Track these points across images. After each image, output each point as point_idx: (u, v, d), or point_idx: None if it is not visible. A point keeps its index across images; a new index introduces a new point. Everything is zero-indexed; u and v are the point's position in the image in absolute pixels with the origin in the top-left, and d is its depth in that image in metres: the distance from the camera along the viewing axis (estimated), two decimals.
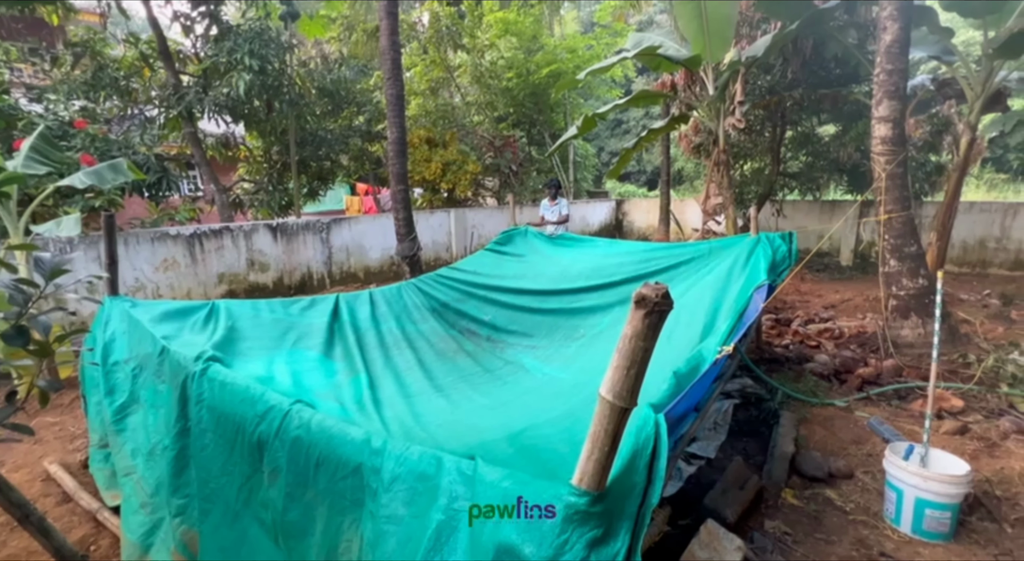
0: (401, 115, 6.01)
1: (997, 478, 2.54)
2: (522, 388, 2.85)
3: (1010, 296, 6.22)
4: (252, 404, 1.74)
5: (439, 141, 10.41)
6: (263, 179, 9.25)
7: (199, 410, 1.96)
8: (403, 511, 1.19)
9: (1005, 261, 8.06)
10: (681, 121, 7.62)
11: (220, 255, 6.60)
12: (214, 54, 7.25)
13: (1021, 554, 2.20)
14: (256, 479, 1.72)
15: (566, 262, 4.52)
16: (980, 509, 2.43)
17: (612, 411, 0.84)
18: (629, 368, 0.82)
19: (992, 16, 4.83)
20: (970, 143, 5.53)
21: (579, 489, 0.90)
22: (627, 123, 22.06)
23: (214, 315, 2.87)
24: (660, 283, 0.81)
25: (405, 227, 6.22)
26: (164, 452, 2.18)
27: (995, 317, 5.47)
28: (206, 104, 7.25)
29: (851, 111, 8.09)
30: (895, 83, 4.18)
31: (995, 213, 8.13)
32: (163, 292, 6.07)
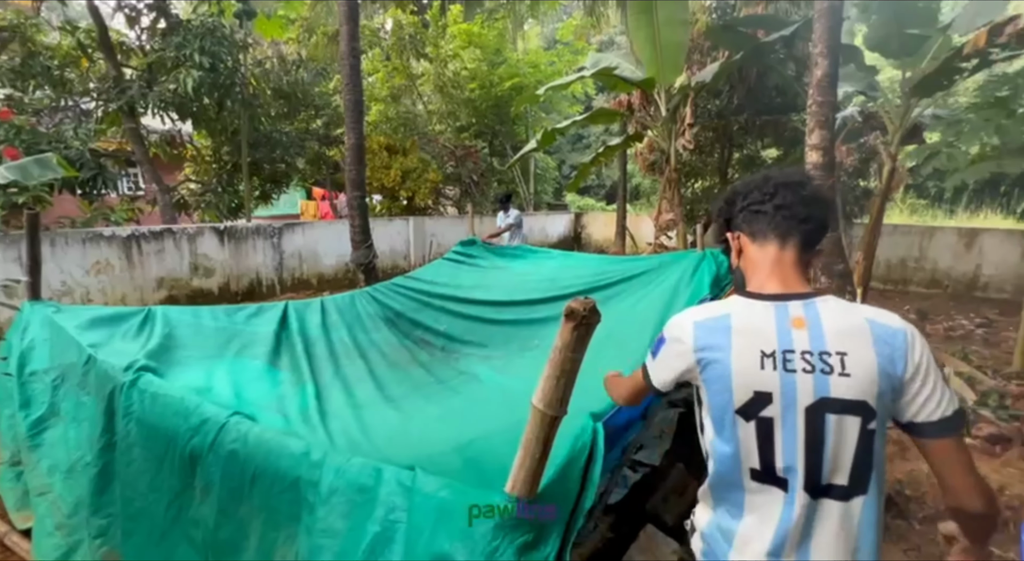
0: (359, 121, 5.95)
1: (908, 479, 2.77)
2: (475, 398, 2.85)
3: (926, 312, 6.82)
4: (186, 416, 1.67)
5: (399, 148, 10.34)
6: (211, 180, 8.87)
7: (127, 423, 1.86)
8: (340, 524, 1.18)
9: (923, 279, 8.82)
10: (636, 139, 7.94)
11: (161, 258, 6.25)
12: (161, 48, 6.94)
13: (927, 549, 2.41)
14: (187, 496, 1.65)
15: (523, 273, 4.58)
16: (893, 508, 2.63)
17: (543, 419, 0.88)
18: (559, 378, 0.86)
19: (909, 58, 5.35)
20: (891, 171, 6.06)
21: (511, 496, 0.93)
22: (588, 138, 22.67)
23: (149, 322, 2.72)
24: (589, 298, 0.86)
25: (361, 234, 6.12)
26: (86, 469, 2.04)
27: None
28: (150, 100, 6.90)
29: (791, 137, 8.68)
30: (825, 114, 4.53)
31: (914, 235, 8.90)
32: (94, 297, 5.67)
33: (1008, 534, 2.45)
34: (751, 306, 0.98)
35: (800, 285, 1.00)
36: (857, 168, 8.66)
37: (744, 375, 0.93)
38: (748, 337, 0.94)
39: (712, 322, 0.98)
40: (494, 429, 2.08)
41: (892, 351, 0.91)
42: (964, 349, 4.84)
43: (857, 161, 8.50)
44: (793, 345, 0.92)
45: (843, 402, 0.90)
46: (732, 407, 0.95)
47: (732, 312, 0.98)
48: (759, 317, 0.96)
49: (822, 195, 1.05)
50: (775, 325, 0.94)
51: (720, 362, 0.95)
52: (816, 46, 4.49)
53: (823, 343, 0.91)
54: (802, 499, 0.92)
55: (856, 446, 0.91)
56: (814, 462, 0.91)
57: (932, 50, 5.22)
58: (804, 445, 0.91)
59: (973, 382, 3.99)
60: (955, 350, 4.89)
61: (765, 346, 0.93)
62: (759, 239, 1.04)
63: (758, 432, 0.93)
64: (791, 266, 1.01)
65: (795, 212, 1.01)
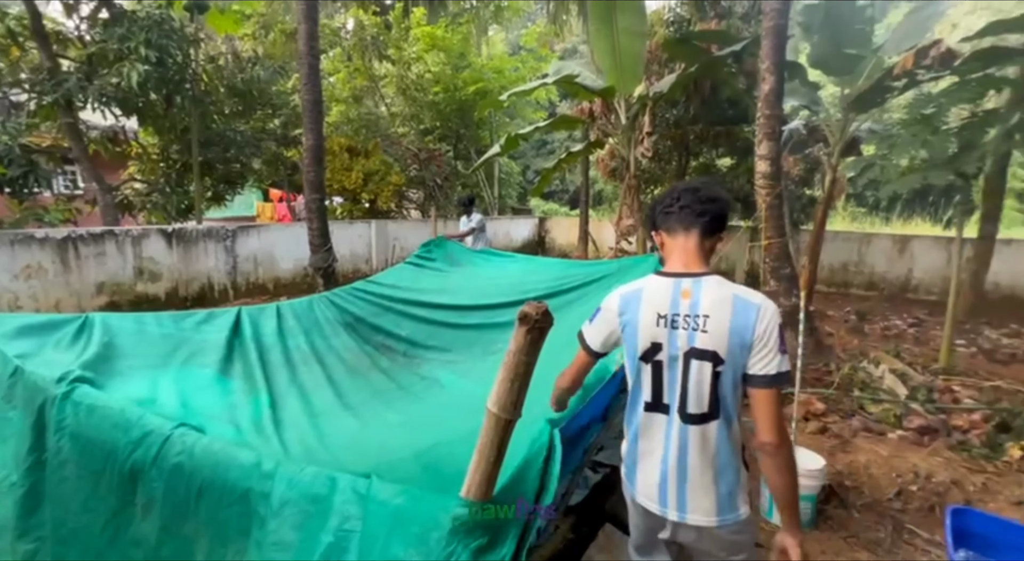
0: (318, 122, 5.81)
1: (848, 470, 2.96)
2: (437, 404, 2.83)
3: (864, 312, 7.28)
4: (126, 429, 1.58)
5: (361, 150, 10.15)
6: (158, 180, 8.41)
7: (59, 439, 1.73)
8: (292, 536, 1.14)
9: (862, 282, 9.42)
10: (598, 146, 8.12)
11: (101, 262, 5.88)
12: (103, 40, 6.54)
13: (865, 535, 2.57)
14: (126, 514, 1.55)
15: (487, 276, 4.58)
16: (834, 498, 2.80)
17: (497, 423, 0.89)
18: (513, 381, 0.88)
19: (847, 76, 5.73)
20: (833, 181, 6.45)
21: (466, 500, 0.93)
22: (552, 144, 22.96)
23: (86, 330, 2.55)
24: (542, 302, 0.87)
25: (320, 238, 5.96)
26: (11, 490, 1.89)
27: (852, 331, 6.37)
28: (90, 93, 6.49)
29: (743, 147, 9.10)
30: (772, 126, 4.79)
31: (854, 241, 9.51)
32: (24, 304, 5.27)
33: (935, 518, 2.65)
34: (658, 281, 1.34)
35: (697, 266, 1.32)
36: (803, 177, 9.18)
37: (645, 330, 1.30)
38: (650, 304, 1.31)
39: (631, 294, 1.36)
40: (455, 434, 2.07)
41: (745, 319, 1.23)
42: (897, 347, 5.21)
43: (803, 171, 9.01)
44: (679, 309, 1.28)
45: (701, 351, 1.25)
46: (637, 354, 1.32)
47: (644, 287, 1.35)
48: (660, 289, 1.32)
49: (717, 195, 1.36)
50: (670, 295, 1.30)
51: (632, 322, 1.33)
52: (764, 62, 4.75)
53: (698, 308, 1.26)
54: (677, 421, 1.29)
55: (709, 384, 1.25)
56: (683, 395, 1.28)
57: (867, 69, 5.61)
58: (680, 382, 1.28)
59: (905, 378, 4.30)
60: (889, 348, 5.25)
61: (661, 310, 1.30)
62: (670, 233, 1.38)
63: (652, 372, 1.32)
64: (692, 251, 1.33)
65: (693, 209, 1.33)
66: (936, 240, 9.05)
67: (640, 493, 1.38)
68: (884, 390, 4.10)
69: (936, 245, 8.91)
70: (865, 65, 5.57)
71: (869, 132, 6.96)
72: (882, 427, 3.53)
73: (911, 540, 2.54)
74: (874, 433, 3.44)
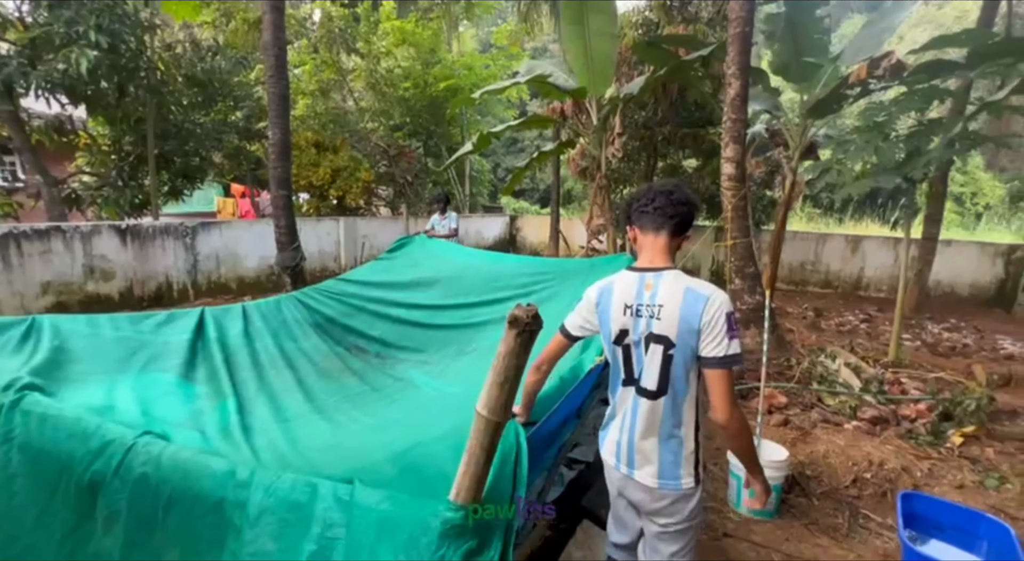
0: (285, 116, 5.63)
1: (809, 460, 3.10)
2: (411, 405, 2.79)
3: (821, 309, 7.65)
4: (84, 439, 1.49)
5: (329, 145, 9.89)
6: (110, 173, 7.95)
7: (7, 451, 1.62)
8: (271, 546, 1.11)
9: (818, 280, 9.89)
10: (569, 146, 8.19)
11: (47, 260, 5.52)
12: (48, 23, 6.12)
13: (824, 522, 2.71)
14: (85, 529, 1.47)
15: (460, 276, 4.54)
16: (796, 487, 2.94)
17: (487, 426, 0.89)
18: (503, 384, 0.88)
19: (806, 83, 5.98)
20: (792, 183, 6.73)
21: (456, 504, 0.93)
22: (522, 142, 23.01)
23: (34, 333, 2.39)
24: (532, 304, 0.88)
25: (287, 235, 5.78)
26: None
27: (810, 327, 6.68)
28: (33, 79, 6.06)
29: (708, 149, 9.38)
30: (738, 130, 4.96)
31: (811, 241, 9.96)
32: None
33: (887, 503, 2.82)
34: (628, 276, 1.53)
35: (662, 261, 1.50)
36: (764, 179, 9.54)
37: (616, 318, 1.51)
38: (619, 295, 1.51)
39: (605, 287, 1.56)
40: (431, 436, 2.06)
41: (694, 308, 1.40)
42: (851, 342, 5.49)
43: (764, 173, 9.36)
44: (642, 300, 1.47)
45: (657, 335, 1.44)
46: (611, 338, 1.53)
47: (615, 281, 1.55)
48: (628, 283, 1.51)
49: (686, 199, 1.53)
50: (635, 288, 1.49)
51: (605, 311, 1.53)
52: (730, 67, 4.90)
53: (656, 299, 1.45)
54: (630, 397, 1.52)
55: (660, 365, 1.44)
56: (639, 374, 1.49)
57: (824, 78, 5.88)
58: (641, 363, 1.48)
59: (859, 371, 4.54)
60: (844, 343, 5.53)
61: (627, 300, 1.50)
62: (643, 230, 1.55)
63: (623, 354, 1.52)
64: (660, 249, 1.51)
65: (665, 211, 1.50)
66: (884, 240, 9.59)
67: (606, 449, 1.62)
68: (840, 383, 4.32)
69: (884, 245, 9.44)
70: (823, 73, 5.83)
71: (826, 137, 7.29)
72: (839, 418, 3.72)
73: (866, 524, 2.70)
74: (832, 424, 3.62)
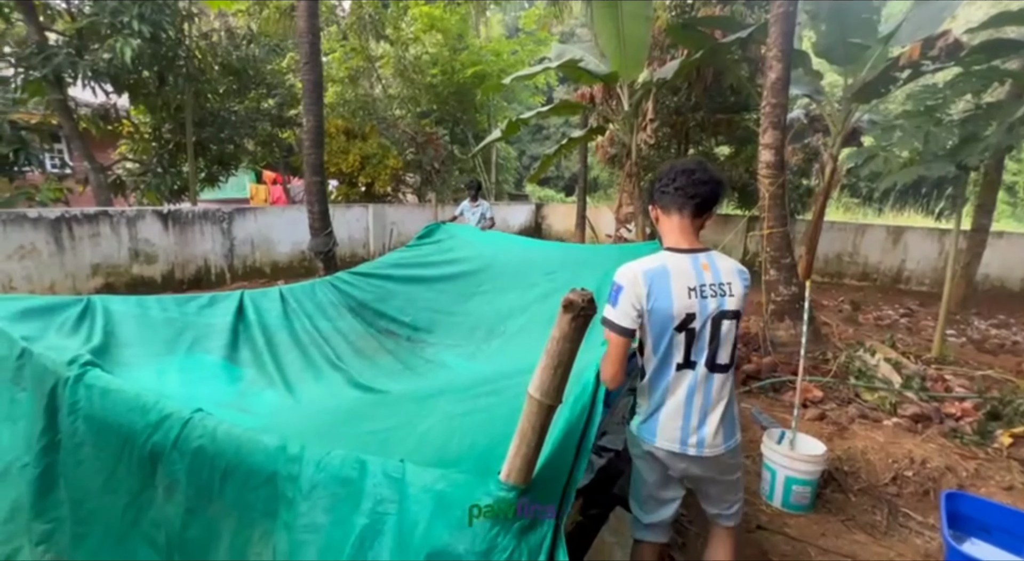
0: (319, 103, 5.71)
1: (846, 456, 3.03)
2: (446, 384, 2.83)
3: (858, 302, 7.39)
4: (143, 412, 1.57)
5: (358, 133, 10.00)
6: (151, 160, 8.24)
7: (73, 421, 1.73)
8: (323, 519, 1.15)
9: (855, 273, 9.53)
10: (598, 132, 8.06)
11: (96, 243, 5.79)
12: (94, 13, 6.33)
13: (862, 518, 2.65)
14: (147, 496, 1.56)
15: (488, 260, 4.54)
16: (833, 482, 2.87)
17: (540, 408, 0.90)
18: (556, 368, 0.88)
19: (851, 66, 5.71)
20: (832, 171, 6.47)
21: (507, 484, 0.94)
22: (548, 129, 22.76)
23: (89, 315, 2.52)
24: (586, 289, 0.88)
25: (320, 221, 5.90)
26: (24, 471, 1.88)
27: (847, 320, 6.47)
28: (81, 69, 6.30)
29: (742, 136, 9.09)
30: (777, 115, 4.78)
31: (849, 232, 9.59)
32: (18, 285, 5.19)
33: (929, 502, 2.74)
34: (677, 258, 1.50)
35: (697, 242, 1.56)
36: (801, 167, 9.20)
37: (680, 301, 1.46)
38: (679, 279, 1.47)
39: (654, 271, 1.47)
40: (468, 411, 2.09)
41: (745, 283, 1.55)
42: (891, 337, 5.29)
43: (802, 161, 9.03)
44: (704, 280, 1.48)
45: (730, 312, 1.50)
46: (672, 324, 1.47)
47: (666, 263, 1.48)
48: (684, 266, 1.49)
49: (709, 178, 1.53)
50: (692, 270, 1.49)
51: (664, 296, 1.45)
52: (771, 50, 4.71)
53: (720, 277, 1.50)
54: (702, 372, 1.51)
55: (733, 339, 1.52)
56: (713, 350, 1.50)
57: (871, 59, 5.59)
58: (708, 341, 1.49)
59: (899, 367, 4.38)
60: (883, 338, 5.34)
61: (690, 283, 1.47)
62: (664, 210, 1.58)
63: (685, 338, 1.49)
64: (688, 229, 1.55)
65: (687, 191, 1.52)
66: (929, 232, 9.15)
67: (661, 438, 1.55)
68: (879, 378, 4.18)
69: (929, 237, 9.02)
70: (871, 55, 5.54)
71: (870, 123, 6.97)
72: (878, 414, 3.61)
73: (906, 523, 2.63)
74: (870, 420, 3.52)
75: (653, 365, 1.53)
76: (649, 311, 1.46)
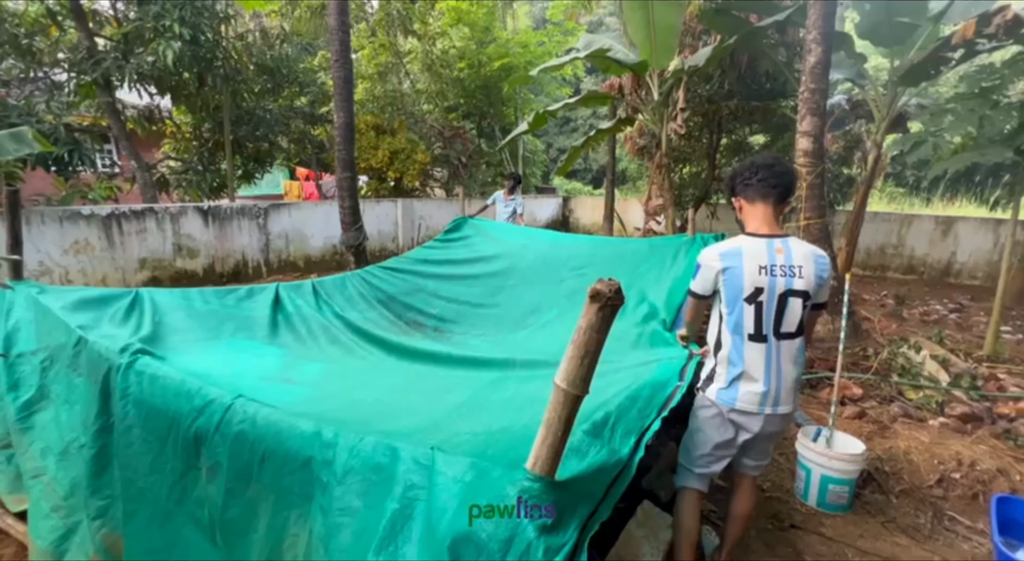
0: (349, 99, 5.81)
1: (887, 456, 2.91)
2: (475, 371, 2.85)
3: (903, 297, 7.04)
4: (188, 398, 1.66)
5: (387, 128, 10.13)
6: (192, 158, 8.59)
7: (124, 405, 1.83)
8: (358, 503, 1.19)
9: (900, 266, 9.08)
10: (627, 123, 7.91)
11: (142, 238, 6.09)
12: (138, 18, 6.62)
13: (903, 521, 2.54)
14: (191, 476, 1.64)
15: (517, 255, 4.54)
16: (872, 483, 2.77)
17: (566, 398, 0.90)
18: (583, 358, 0.88)
19: (898, 47, 5.40)
20: (876, 159, 6.17)
21: (533, 474, 0.95)
22: (575, 121, 22.50)
23: (138, 306, 2.66)
24: (613, 279, 0.87)
25: (351, 216, 6.03)
26: (81, 451, 2.02)
27: (890, 315, 6.18)
28: (127, 72, 6.61)
29: (779, 124, 8.74)
30: (817, 101, 4.57)
31: (893, 223, 9.13)
32: (73, 278, 5.52)
33: (978, 506, 2.60)
34: (753, 241, 1.77)
35: (777, 229, 1.81)
36: (841, 155, 8.79)
37: (750, 278, 1.72)
38: (750, 258, 1.73)
39: (729, 250, 1.78)
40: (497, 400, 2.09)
41: (821, 268, 1.76)
42: (940, 333, 5.03)
43: (842, 148, 8.63)
44: (776, 261, 1.73)
45: (798, 291, 1.73)
46: (742, 296, 1.74)
47: (743, 245, 1.77)
48: (758, 247, 1.75)
49: (786, 170, 1.81)
50: (766, 252, 1.74)
51: (736, 271, 1.74)
52: (810, 32, 4.51)
53: (792, 260, 1.73)
54: (773, 342, 1.75)
55: (800, 313, 1.74)
56: (779, 322, 1.74)
57: (920, 39, 5.27)
58: (775, 315, 1.73)
59: (947, 364, 4.16)
60: (930, 334, 5.08)
61: (762, 262, 1.73)
62: (749, 201, 1.84)
63: (755, 311, 1.74)
64: (770, 217, 1.80)
65: (769, 182, 1.78)
66: (983, 222, 8.61)
67: (741, 400, 1.78)
68: (925, 376, 3.98)
69: (982, 227, 8.49)
70: (919, 34, 5.23)
71: (918, 107, 6.59)
72: (922, 414, 3.45)
73: (952, 527, 2.51)
74: (914, 419, 3.36)
75: (729, 338, 1.80)
76: (724, 282, 1.76)
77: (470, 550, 0.95)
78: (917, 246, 8.93)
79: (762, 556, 2.25)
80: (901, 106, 5.89)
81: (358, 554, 1.15)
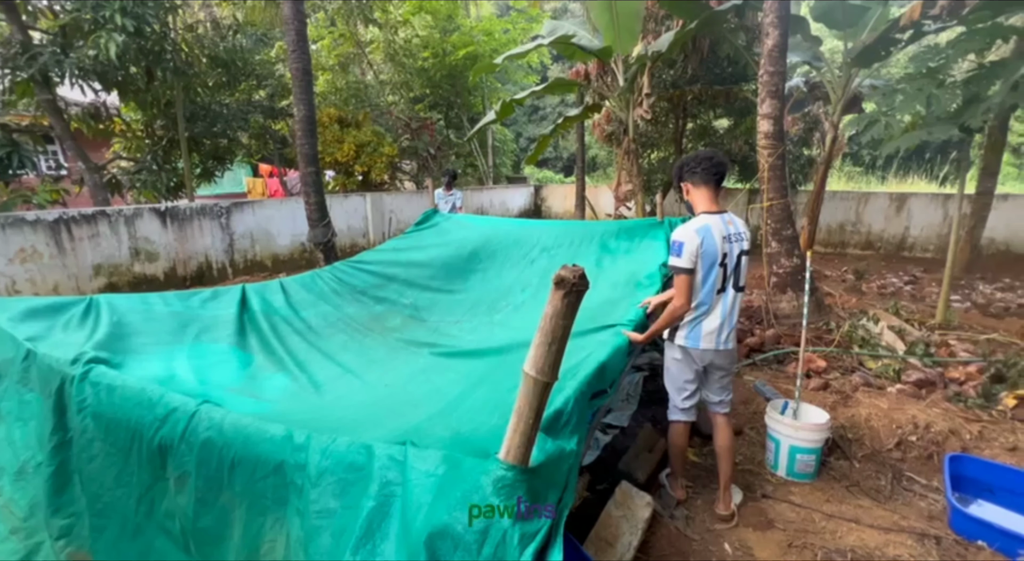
0: (309, 91, 5.62)
1: (849, 424, 3.05)
2: (450, 360, 2.84)
3: (862, 272, 7.35)
4: (150, 407, 1.59)
5: (351, 121, 9.88)
6: (145, 157, 8.18)
7: (83, 418, 1.75)
8: (335, 503, 1.17)
9: (859, 242, 9.47)
10: (594, 110, 7.93)
11: (95, 243, 5.79)
12: (75, 9, 6.21)
13: (866, 483, 2.68)
14: (159, 488, 1.59)
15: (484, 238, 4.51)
16: (837, 450, 2.90)
17: (536, 386, 0.90)
18: (551, 344, 0.88)
19: (851, 29, 5.57)
20: (833, 140, 6.38)
21: (506, 463, 0.95)
22: (544, 109, 22.45)
23: (93, 311, 2.53)
24: (577, 265, 0.87)
25: (318, 212, 5.88)
26: (39, 469, 1.93)
27: (850, 290, 6.44)
28: (67, 67, 6.21)
29: (741, 107, 8.92)
30: (776, 84, 4.68)
31: (852, 201, 9.49)
32: (21, 288, 5.22)
33: (933, 465, 2.76)
34: (713, 219, 2.21)
35: (721, 206, 2.29)
36: (801, 137, 9.05)
37: (720, 246, 2.18)
38: (717, 231, 2.18)
39: (701, 228, 2.17)
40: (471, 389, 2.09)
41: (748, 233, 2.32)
42: (895, 304, 5.28)
43: (802, 130, 8.88)
44: (729, 231, 2.22)
45: (746, 251, 2.28)
46: (716, 261, 2.18)
47: (708, 222, 2.19)
48: (718, 223, 2.21)
49: (722, 161, 2.26)
50: (722, 224, 2.22)
51: (710, 244, 2.16)
52: (767, 15, 4.59)
53: (738, 229, 2.27)
54: (731, 294, 2.26)
55: (746, 270, 2.30)
56: (737, 277, 2.26)
57: (872, 22, 5.45)
58: (734, 272, 2.25)
59: (903, 334, 4.38)
60: (887, 306, 5.33)
61: (723, 233, 2.20)
62: (694, 185, 2.30)
63: (723, 270, 2.21)
64: (713, 198, 2.27)
65: (711, 171, 2.25)
66: (933, 197, 9.04)
67: (703, 339, 2.26)
68: (883, 346, 4.18)
69: (933, 202, 8.91)
70: (870, 17, 5.41)
71: (870, 88, 6.82)
72: (882, 382, 3.62)
73: (910, 486, 2.65)
74: (874, 388, 3.53)
75: (701, 293, 2.22)
76: (702, 254, 2.15)
77: (447, 544, 0.95)
78: (874, 223, 9.32)
79: (736, 527, 2.34)
80: (855, 87, 6.09)
81: (339, 555, 1.13)
